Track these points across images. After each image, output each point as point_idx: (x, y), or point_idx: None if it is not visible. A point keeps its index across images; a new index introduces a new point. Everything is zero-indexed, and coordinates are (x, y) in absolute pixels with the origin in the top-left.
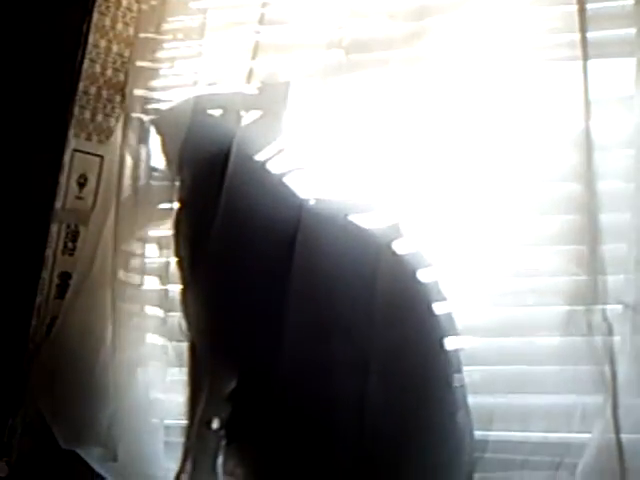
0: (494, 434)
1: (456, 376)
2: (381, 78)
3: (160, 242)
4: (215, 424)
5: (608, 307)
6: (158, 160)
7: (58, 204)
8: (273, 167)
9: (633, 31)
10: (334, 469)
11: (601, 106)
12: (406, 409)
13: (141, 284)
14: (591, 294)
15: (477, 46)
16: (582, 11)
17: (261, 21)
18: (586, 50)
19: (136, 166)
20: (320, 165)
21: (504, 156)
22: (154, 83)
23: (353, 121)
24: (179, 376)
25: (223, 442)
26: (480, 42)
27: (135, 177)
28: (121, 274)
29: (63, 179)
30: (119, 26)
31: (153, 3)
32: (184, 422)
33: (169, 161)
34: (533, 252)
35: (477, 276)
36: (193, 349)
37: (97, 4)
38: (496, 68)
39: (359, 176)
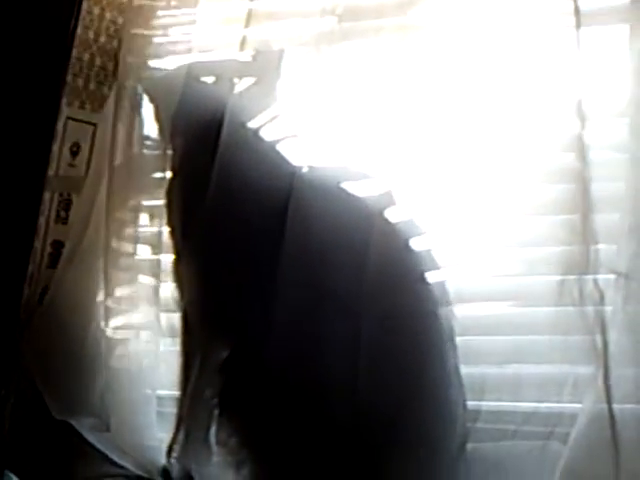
0: (486, 404)
1: (449, 345)
2: (374, 46)
3: (153, 211)
4: (208, 394)
5: (600, 276)
6: (151, 128)
7: (51, 172)
8: (266, 135)
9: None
10: (327, 439)
11: (594, 76)
12: (399, 378)
13: (134, 253)
14: (583, 263)
15: (469, 15)
16: None
17: None
18: (579, 19)
19: (129, 134)
20: (313, 133)
21: (496, 126)
22: (148, 50)
23: (346, 89)
24: (172, 346)
25: (216, 412)
26: (473, 11)
27: (128, 145)
28: (114, 243)
29: (56, 147)
30: None
31: None
32: (177, 392)
33: (162, 129)
34: (525, 222)
35: (469, 245)
36: (186, 319)
37: None
38: (489, 37)
39: (352, 144)
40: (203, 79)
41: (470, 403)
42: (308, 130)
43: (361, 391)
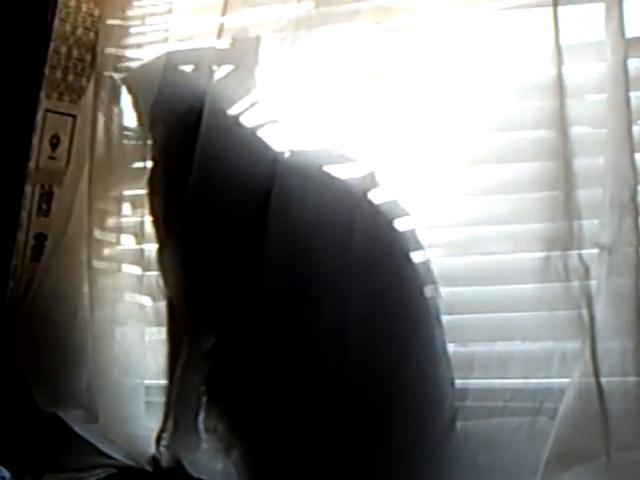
0: (474, 382)
1: (435, 324)
2: (351, 30)
3: (135, 201)
4: (195, 382)
5: (584, 251)
6: (130, 119)
7: (32, 165)
8: (247, 121)
9: None
10: (316, 422)
11: (572, 52)
12: (386, 358)
13: (117, 243)
14: (567, 239)
15: None
16: None
17: None
18: None
19: (109, 125)
20: (294, 118)
21: (477, 102)
22: (125, 41)
23: (325, 73)
24: (158, 335)
25: (204, 400)
26: None
27: (108, 136)
28: (97, 233)
29: (36, 140)
30: None
31: None
32: (164, 381)
33: (141, 119)
34: (509, 199)
35: (453, 224)
36: (171, 307)
37: None
38: (467, 15)
39: (333, 128)
40: (182, 68)
41: (458, 381)
42: (289, 115)
43: (349, 372)
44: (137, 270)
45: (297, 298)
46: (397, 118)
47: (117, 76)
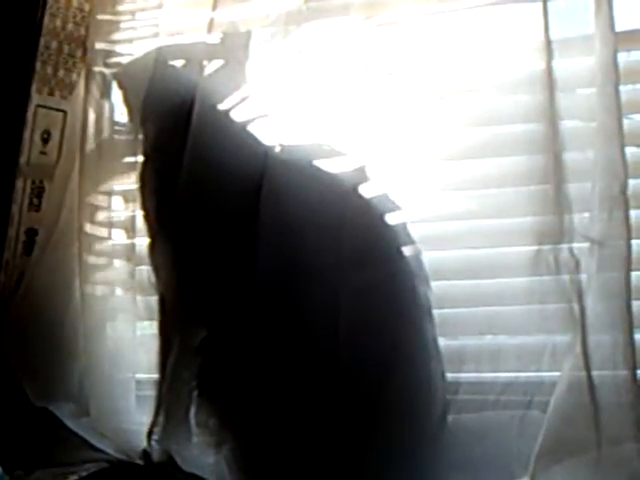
0: (465, 375)
1: (426, 318)
2: (342, 24)
3: (126, 195)
4: (186, 376)
5: (575, 245)
6: (121, 114)
7: (22, 160)
8: (237, 116)
9: None
10: (307, 416)
11: (562, 46)
12: (377, 351)
13: (108, 237)
14: (558, 232)
15: None
16: None
17: None
18: None
19: (99, 120)
20: (284, 112)
21: (467, 96)
22: (115, 36)
23: (316, 68)
24: (149, 330)
25: (195, 394)
26: None
27: (99, 131)
28: (88, 227)
29: (27, 135)
30: None
31: None
32: (155, 375)
33: (132, 114)
34: (498, 193)
35: (444, 218)
36: (162, 302)
37: None
38: (458, 8)
39: (323, 122)
40: (172, 63)
41: (449, 375)
42: (279, 110)
43: (341, 366)
44: (128, 264)
45: (288, 292)
46: (387, 112)
47: (108, 71)
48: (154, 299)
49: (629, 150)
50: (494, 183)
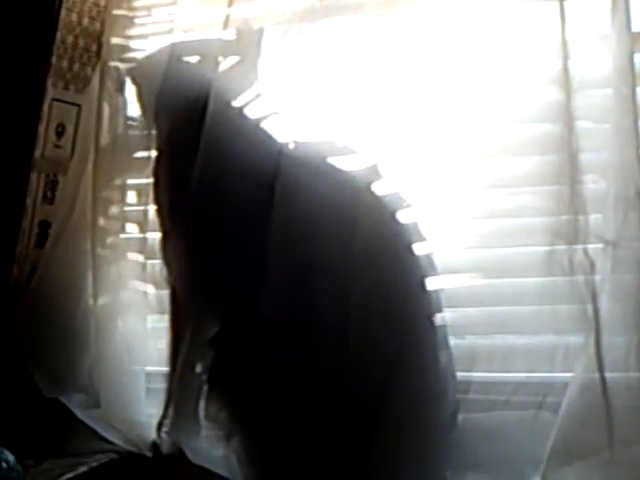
0: (476, 375)
1: (437, 316)
2: (355, 22)
3: (139, 190)
4: (197, 369)
5: (589, 246)
6: (135, 108)
7: (37, 153)
8: (251, 113)
9: None
10: (317, 410)
11: (578, 45)
12: (388, 349)
13: (121, 231)
14: (572, 233)
15: None
16: None
17: None
18: None
19: (113, 115)
20: (298, 109)
21: (483, 96)
22: (130, 31)
23: (329, 65)
24: (160, 323)
25: (205, 388)
26: None
27: (113, 126)
28: (101, 221)
29: (42, 128)
30: None
31: None
32: (166, 368)
33: (145, 109)
34: (514, 192)
35: (458, 216)
36: (174, 295)
37: None
38: (474, 7)
39: (337, 119)
40: (186, 59)
41: (460, 374)
42: (293, 107)
43: (351, 362)
44: (140, 258)
45: (300, 288)
46: (401, 111)
47: (122, 66)
48: (165, 292)
49: None
50: (509, 183)
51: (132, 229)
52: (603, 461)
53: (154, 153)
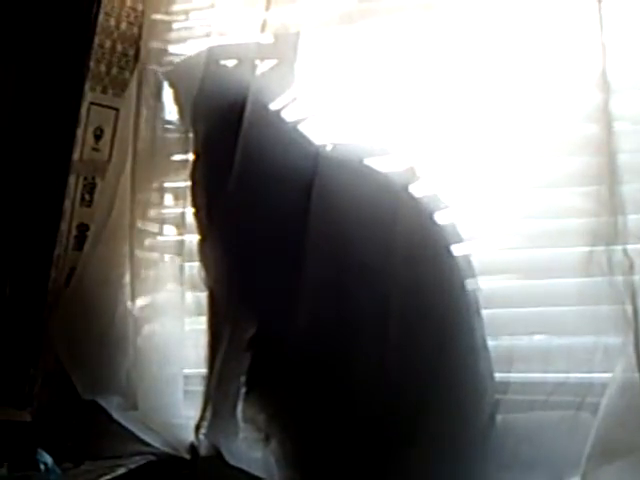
0: (515, 375)
1: (475, 317)
2: (394, 25)
3: (177, 193)
4: (236, 372)
5: (629, 246)
6: (173, 112)
7: (75, 156)
8: (288, 115)
9: None
10: (355, 412)
11: (617, 47)
12: (427, 350)
13: (159, 233)
14: (611, 233)
15: None
16: None
17: None
18: None
19: (151, 118)
20: (335, 112)
21: (522, 98)
22: (168, 35)
23: (367, 67)
24: (198, 325)
25: (243, 390)
26: None
27: (150, 129)
28: (139, 223)
29: (80, 132)
30: None
31: None
32: (203, 371)
33: (182, 113)
34: (553, 193)
35: (496, 217)
36: (212, 298)
37: None
38: (513, 10)
39: (374, 121)
40: (224, 62)
41: (499, 375)
42: (331, 109)
43: (390, 363)
44: (178, 260)
45: (338, 289)
46: (440, 112)
47: (160, 70)
48: (203, 295)
49: None
50: (548, 184)
51: (170, 231)
52: None
53: (191, 156)
